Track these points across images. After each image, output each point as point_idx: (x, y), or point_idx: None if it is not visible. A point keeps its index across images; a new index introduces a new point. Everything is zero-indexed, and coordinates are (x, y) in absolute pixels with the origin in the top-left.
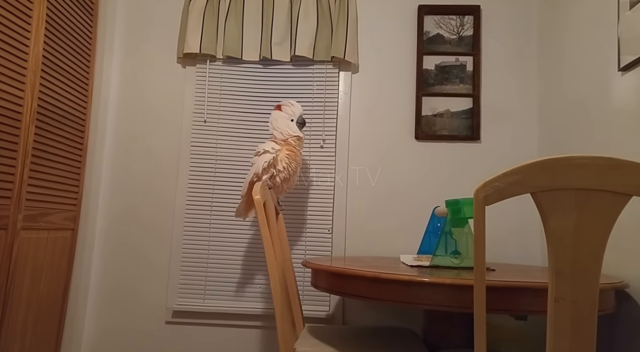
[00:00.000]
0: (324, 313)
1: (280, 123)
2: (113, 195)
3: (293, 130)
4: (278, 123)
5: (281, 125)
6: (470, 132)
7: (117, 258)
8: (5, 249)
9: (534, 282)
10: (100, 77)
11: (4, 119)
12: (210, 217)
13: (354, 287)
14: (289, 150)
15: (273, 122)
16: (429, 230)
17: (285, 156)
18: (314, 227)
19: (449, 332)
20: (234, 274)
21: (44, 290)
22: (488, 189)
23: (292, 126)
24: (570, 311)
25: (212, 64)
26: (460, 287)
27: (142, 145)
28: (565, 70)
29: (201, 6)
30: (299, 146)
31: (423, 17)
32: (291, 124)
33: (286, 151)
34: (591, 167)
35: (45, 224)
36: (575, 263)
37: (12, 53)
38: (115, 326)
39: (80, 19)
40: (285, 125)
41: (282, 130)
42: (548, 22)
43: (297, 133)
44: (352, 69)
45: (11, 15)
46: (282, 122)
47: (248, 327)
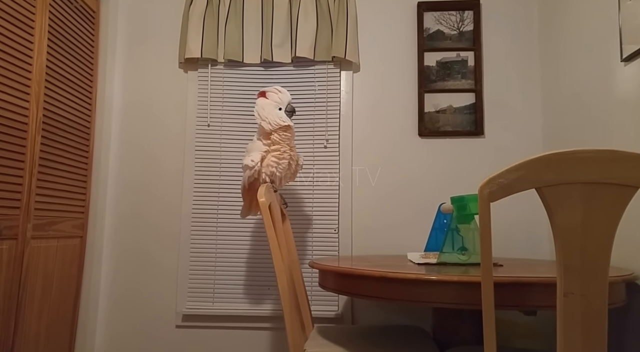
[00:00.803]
0: (333, 313)
1: (267, 112)
2: (120, 201)
3: (282, 120)
4: (265, 112)
5: (269, 114)
6: (473, 127)
7: (126, 263)
8: (16, 259)
9: (542, 277)
10: (104, 85)
11: (10, 130)
12: (216, 220)
13: (362, 287)
14: (274, 151)
15: (260, 112)
16: (435, 227)
17: (272, 162)
18: (320, 227)
19: (459, 329)
20: (242, 276)
21: (55, 297)
22: (492, 186)
23: (282, 115)
24: (580, 306)
25: (213, 68)
26: (468, 284)
27: (147, 151)
28: (568, 62)
29: (201, 11)
30: (288, 138)
31: (423, 14)
32: (280, 112)
33: (272, 156)
34: (595, 161)
35: (54, 232)
36: (583, 257)
37: (16, 64)
38: (127, 330)
39: (82, 28)
40: (274, 114)
41: (270, 120)
42: (548, 14)
43: (288, 122)
44: (354, 68)
45: (14, 27)
46: (270, 111)
47: (257, 329)
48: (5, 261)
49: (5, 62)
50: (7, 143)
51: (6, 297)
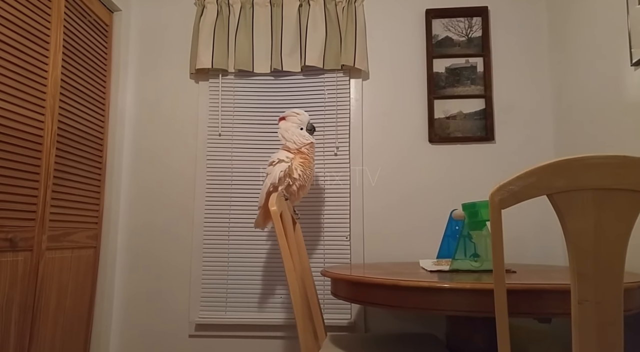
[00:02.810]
0: (346, 321)
1: (291, 133)
2: (132, 211)
3: (306, 138)
4: (289, 134)
5: (293, 135)
6: (484, 132)
7: (139, 273)
8: (32, 270)
9: (556, 284)
10: (116, 97)
11: (26, 143)
12: (228, 229)
13: (374, 295)
14: (302, 158)
15: (284, 134)
16: (447, 234)
17: (299, 164)
18: (331, 235)
19: (473, 336)
20: (254, 285)
21: (70, 307)
22: (503, 193)
23: (304, 134)
24: (594, 313)
25: (224, 78)
26: (480, 291)
27: (159, 162)
28: (578, 67)
29: (211, 22)
30: (311, 153)
31: (431, 21)
32: (302, 132)
33: (300, 159)
34: (606, 167)
35: (68, 243)
36: (597, 264)
37: (32, 79)
38: (141, 340)
39: (95, 41)
40: (297, 134)
41: (295, 140)
42: (557, 19)
43: (310, 139)
44: (363, 76)
45: (30, 42)
46: (294, 132)
47: (270, 337)
48: (20, 272)
49: (21, 77)
50: (23, 156)
51: (22, 308)
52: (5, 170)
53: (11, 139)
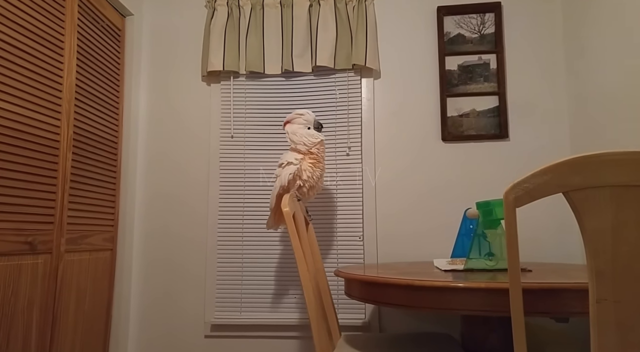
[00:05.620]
0: (360, 321)
1: (300, 135)
2: (147, 213)
3: (316, 137)
4: (297, 136)
5: (302, 137)
6: (498, 130)
7: (155, 275)
8: (51, 273)
9: (573, 283)
10: (130, 100)
11: (44, 148)
12: (242, 230)
13: (388, 295)
14: (312, 159)
15: (292, 137)
16: (461, 232)
17: (308, 165)
18: (344, 235)
19: (488, 336)
20: (269, 285)
21: (88, 310)
22: (518, 191)
23: (313, 133)
24: (613, 312)
25: (235, 80)
26: (495, 291)
27: (173, 164)
28: (594, 62)
29: (222, 25)
30: (322, 151)
31: (443, 18)
32: (310, 131)
33: (309, 160)
34: (624, 163)
35: (86, 246)
36: (615, 262)
37: (48, 84)
38: (158, 342)
39: (108, 46)
40: (306, 134)
41: (305, 141)
42: (572, 14)
43: (320, 137)
44: (374, 75)
45: (45, 48)
46: (302, 133)
47: (285, 337)
48: (40, 275)
49: (37, 83)
50: (40, 160)
51: (42, 309)
52: (24, 175)
53: (29, 144)
